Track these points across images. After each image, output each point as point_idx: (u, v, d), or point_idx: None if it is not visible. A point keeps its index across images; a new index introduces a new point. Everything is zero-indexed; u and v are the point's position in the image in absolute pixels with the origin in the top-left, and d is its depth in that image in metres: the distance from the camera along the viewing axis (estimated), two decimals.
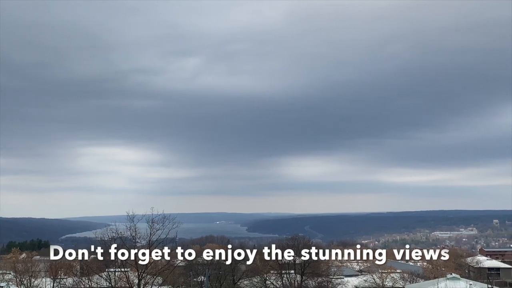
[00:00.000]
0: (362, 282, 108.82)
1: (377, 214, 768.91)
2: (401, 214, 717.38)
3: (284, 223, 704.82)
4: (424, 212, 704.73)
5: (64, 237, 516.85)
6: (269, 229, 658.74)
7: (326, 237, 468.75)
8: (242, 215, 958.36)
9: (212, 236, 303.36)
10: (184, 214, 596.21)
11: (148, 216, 65.67)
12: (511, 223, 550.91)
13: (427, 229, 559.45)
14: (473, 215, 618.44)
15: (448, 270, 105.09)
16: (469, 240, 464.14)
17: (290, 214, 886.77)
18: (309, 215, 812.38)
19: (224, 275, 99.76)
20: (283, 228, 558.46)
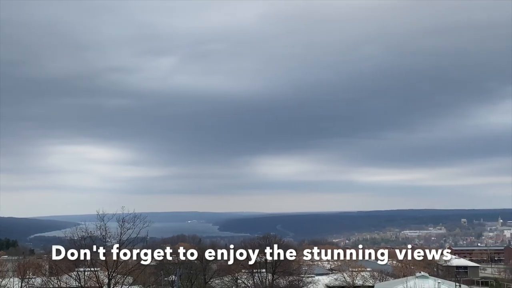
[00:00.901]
0: (332, 280, 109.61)
1: (348, 213, 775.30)
2: (372, 213, 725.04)
3: (256, 222, 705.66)
4: (394, 211, 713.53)
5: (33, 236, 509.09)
6: (241, 228, 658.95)
7: (297, 236, 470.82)
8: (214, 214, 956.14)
9: (183, 235, 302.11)
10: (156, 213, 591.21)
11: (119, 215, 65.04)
12: (478, 222, 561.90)
13: (397, 228, 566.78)
14: (441, 214, 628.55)
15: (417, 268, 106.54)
16: (438, 239, 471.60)
17: (262, 213, 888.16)
18: (281, 214, 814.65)
19: (195, 275, 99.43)
20: (255, 227, 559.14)
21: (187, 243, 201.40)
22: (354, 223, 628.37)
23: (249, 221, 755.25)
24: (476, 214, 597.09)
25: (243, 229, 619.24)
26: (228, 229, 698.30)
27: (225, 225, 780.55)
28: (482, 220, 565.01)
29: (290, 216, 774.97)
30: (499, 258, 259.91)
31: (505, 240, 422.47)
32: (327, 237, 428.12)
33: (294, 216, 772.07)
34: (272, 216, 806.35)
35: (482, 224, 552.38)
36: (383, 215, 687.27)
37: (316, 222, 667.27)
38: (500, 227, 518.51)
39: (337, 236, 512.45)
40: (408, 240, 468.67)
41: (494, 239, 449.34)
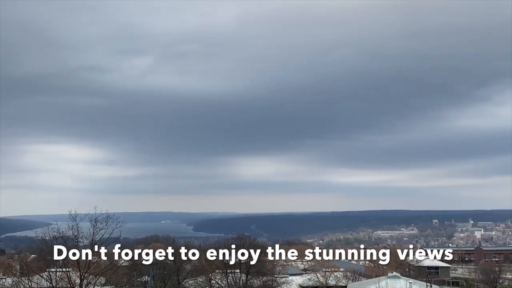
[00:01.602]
0: (306, 280, 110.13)
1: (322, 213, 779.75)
2: (345, 214, 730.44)
3: (230, 222, 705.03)
4: (367, 212, 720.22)
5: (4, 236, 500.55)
6: (215, 228, 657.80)
7: (271, 236, 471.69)
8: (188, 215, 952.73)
9: (157, 236, 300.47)
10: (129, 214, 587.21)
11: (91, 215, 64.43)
12: (449, 223, 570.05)
13: (370, 229, 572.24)
14: (413, 215, 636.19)
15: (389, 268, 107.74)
16: (410, 239, 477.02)
17: (236, 214, 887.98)
18: (256, 215, 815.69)
19: (168, 275, 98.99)
20: (229, 228, 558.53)
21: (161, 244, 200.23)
22: (328, 223, 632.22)
23: (224, 221, 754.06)
24: (448, 215, 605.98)
25: (217, 230, 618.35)
26: (202, 230, 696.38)
27: (200, 225, 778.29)
28: (453, 221, 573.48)
29: (265, 217, 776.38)
30: (469, 258, 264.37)
31: (476, 241, 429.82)
32: (301, 237, 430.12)
33: (268, 217, 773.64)
34: (247, 216, 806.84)
35: (453, 225, 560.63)
36: (356, 216, 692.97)
37: (291, 222, 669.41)
38: (470, 228, 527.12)
39: (311, 236, 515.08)
40: (380, 240, 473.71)
41: (465, 240, 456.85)
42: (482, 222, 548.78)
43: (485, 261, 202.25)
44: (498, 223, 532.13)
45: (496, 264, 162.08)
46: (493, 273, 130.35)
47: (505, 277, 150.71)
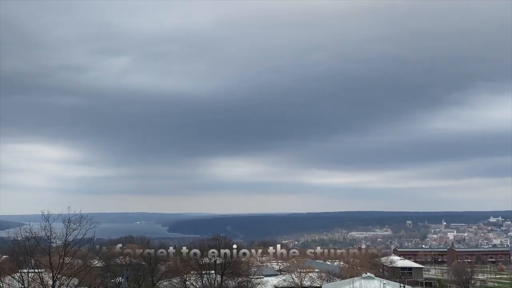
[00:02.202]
0: (281, 281, 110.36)
1: (298, 214, 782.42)
2: (321, 215, 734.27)
3: (206, 223, 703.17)
4: (342, 213, 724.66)
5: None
6: (191, 229, 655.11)
7: (247, 237, 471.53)
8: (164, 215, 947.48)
9: (131, 237, 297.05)
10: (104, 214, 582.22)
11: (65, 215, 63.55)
12: (423, 224, 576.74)
13: (345, 229, 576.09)
14: (388, 216, 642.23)
15: (363, 269, 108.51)
16: (384, 240, 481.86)
17: (212, 214, 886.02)
18: (231, 215, 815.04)
19: (143, 276, 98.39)
20: (205, 228, 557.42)
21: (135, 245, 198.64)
22: (303, 224, 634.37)
23: (199, 222, 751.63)
24: (421, 216, 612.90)
25: (193, 230, 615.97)
26: (177, 230, 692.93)
27: (175, 226, 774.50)
28: (427, 222, 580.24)
29: (241, 217, 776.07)
30: (442, 260, 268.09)
31: (448, 242, 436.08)
32: (277, 238, 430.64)
33: (244, 217, 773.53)
34: (223, 217, 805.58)
35: (426, 226, 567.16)
36: (331, 217, 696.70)
37: (267, 223, 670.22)
38: (443, 229, 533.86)
39: (287, 237, 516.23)
40: (355, 241, 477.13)
41: (438, 241, 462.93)
42: (455, 223, 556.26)
43: (458, 262, 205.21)
44: (470, 225, 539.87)
45: (468, 265, 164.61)
46: (465, 274, 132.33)
47: (477, 278, 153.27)
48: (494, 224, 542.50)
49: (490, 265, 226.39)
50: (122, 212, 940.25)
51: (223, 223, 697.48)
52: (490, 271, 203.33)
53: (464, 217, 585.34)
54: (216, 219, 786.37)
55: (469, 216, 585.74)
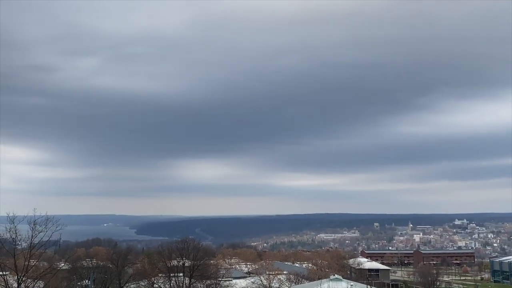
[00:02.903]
0: (250, 284, 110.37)
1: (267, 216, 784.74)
2: (290, 217, 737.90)
3: (175, 225, 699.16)
4: (311, 215, 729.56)
5: None
6: (159, 231, 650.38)
7: (216, 239, 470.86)
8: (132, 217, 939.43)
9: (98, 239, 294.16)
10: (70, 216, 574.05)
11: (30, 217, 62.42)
12: (390, 226, 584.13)
13: (313, 231, 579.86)
14: (356, 218, 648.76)
15: (331, 271, 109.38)
16: (352, 242, 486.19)
17: (181, 217, 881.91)
18: (200, 218, 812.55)
19: (110, 279, 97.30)
20: (173, 231, 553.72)
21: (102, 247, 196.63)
22: (272, 226, 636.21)
23: (168, 224, 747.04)
24: (388, 218, 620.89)
25: (161, 233, 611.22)
26: (145, 233, 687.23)
27: (143, 228, 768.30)
28: (394, 224, 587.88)
29: (210, 220, 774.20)
30: (408, 261, 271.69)
31: (415, 244, 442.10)
32: (246, 241, 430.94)
33: (213, 220, 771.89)
34: (192, 219, 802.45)
35: (393, 228, 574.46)
36: (300, 219, 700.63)
37: (236, 226, 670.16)
38: (410, 232, 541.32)
39: (255, 240, 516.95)
40: (323, 243, 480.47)
41: (404, 243, 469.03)
42: (421, 226, 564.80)
43: (424, 264, 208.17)
44: (436, 227, 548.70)
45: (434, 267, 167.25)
46: (431, 275, 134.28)
47: (442, 280, 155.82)
48: (459, 226, 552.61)
49: (455, 267, 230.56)
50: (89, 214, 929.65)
51: (191, 225, 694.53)
52: (455, 272, 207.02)
53: (430, 220, 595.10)
54: (184, 221, 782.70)
55: (435, 219, 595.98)
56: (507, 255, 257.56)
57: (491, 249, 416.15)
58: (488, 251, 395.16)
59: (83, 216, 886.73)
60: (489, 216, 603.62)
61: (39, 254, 64.52)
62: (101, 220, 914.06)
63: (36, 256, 64.72)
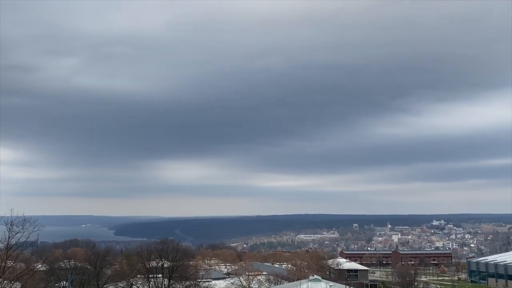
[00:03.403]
0: (229, 284, 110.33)
1: (247, 217, 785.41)
2: (270, 218, 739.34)
3: (154, 226, 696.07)
4: (290, 216, 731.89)
5: None
6: (138, 232, 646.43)
7: (196, 240, 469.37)
8: (110, 218, 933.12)
9: (76, 240, 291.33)
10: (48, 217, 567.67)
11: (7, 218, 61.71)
12: (369, 227, 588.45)
13: (293, 232, 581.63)
14: (335, 219, 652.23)
15: (310, 272, 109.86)
16: (331, 243, 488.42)
17: (160, 217, 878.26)
18: (180, 219, 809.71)
19: (88, 280, 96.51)
20: (153, 232, 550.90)
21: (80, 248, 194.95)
22: (252, 227, 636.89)
23: (147, 225, 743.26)
24: (367, 219, 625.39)
25: (140, 234, 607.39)
26: (124, 234, 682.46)
27: (122, 229, 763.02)
28: (372, 225, 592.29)
29: (190, 221, 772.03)
30: (387, 262, 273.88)
31: (393, 245, 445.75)
32: (226, 241, 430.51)
33: (193, 221, 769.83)
34: (171, 220, 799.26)
35: (372, 229, 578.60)
36: (280, 220, 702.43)
37: (215, 227, 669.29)
38: (388, 232, 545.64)
39: (235, 240, 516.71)
40: (303, 243, 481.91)
41: (383, 244, 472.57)
42: (399, 226, 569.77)
43: (402, 264, 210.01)
44: (414, 228, 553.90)
45: (411, 267, 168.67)
46: (409, 276, 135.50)
47: (420, 280, 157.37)
48: (436, 227, 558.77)
49: (432, 267, 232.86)
50: (67, 215, 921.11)
51: (171, 226, 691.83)
52: (432, 273, 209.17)
53: (408, 220, 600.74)
54: (164, 222, 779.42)
55: (413, 219, 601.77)
56: (484, 255, 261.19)
57: (468, 250, 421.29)
58: (465, 252, 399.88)
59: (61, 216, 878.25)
60: (467, 217, 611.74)
61: (16, 255, 63.83)
62: (79, 221, 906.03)
63: (13, 257, 64.00)
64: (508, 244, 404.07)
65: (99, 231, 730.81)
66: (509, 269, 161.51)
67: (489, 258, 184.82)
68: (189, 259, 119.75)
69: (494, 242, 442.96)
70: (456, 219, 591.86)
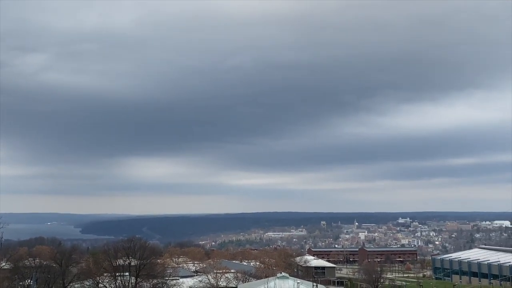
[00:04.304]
0: (197, 282, 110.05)
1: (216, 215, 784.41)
2: (238, 216, 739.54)
3: (121, 224, 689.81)
4: (259, 214, 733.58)
5: None
6: (105, 230, 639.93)
7: (164, 238, 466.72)
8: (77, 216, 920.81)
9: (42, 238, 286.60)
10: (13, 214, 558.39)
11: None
12: (336, 224, 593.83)
13: (262, 230, 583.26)
14: (303, 216, 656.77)
15: (278, 269, 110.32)
16: (299, 240, 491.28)
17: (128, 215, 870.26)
18: (148, 216, 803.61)
19: (53, 279, 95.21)
20: (120, 230, 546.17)
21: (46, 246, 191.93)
22: (221, 225, 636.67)
23: (114, 223, 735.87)
24: (335, 217, 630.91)
25: (107, 232, 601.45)
26: (91, 232, 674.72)
27: (88, 227, 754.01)
28: (340, 222, 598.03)
29: (158, 219, 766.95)
30: (354, 259, 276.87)
31: (360, 242, 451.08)
32: (194, 240, 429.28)
33: (161, 219, 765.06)
34: (139, 218, 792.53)
35: (339, 226, 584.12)
36: (249, 217, 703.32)
37: (184, 224, 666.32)
38: (355, 230, 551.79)
39: (204, 238, 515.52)
40: (271, 241, 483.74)
41: (350, 241, 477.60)
42: (366, 224, 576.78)
43: (368, 261, 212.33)
44: (380, 225, 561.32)
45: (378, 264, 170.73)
46: (375, 273, 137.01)
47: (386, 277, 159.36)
48: (402, 224, 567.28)
49: (398, 264, 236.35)
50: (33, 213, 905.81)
51: (139, 224, 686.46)
52: (398, 270, 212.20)
53: (374, 218, 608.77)
54: (132, 220, 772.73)
55: (380, 217, 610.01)
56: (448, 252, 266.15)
57: (433, 247, 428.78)
58: (430, 249, 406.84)
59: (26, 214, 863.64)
60: (432, 214, 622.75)
61: None
62: (44, 219, 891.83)
63: None
64: (471, 241, 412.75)
65: (65, 229, 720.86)
66: (472, 266, 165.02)
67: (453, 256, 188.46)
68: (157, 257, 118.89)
69: (458, 240, 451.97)
70: (421, 217, 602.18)
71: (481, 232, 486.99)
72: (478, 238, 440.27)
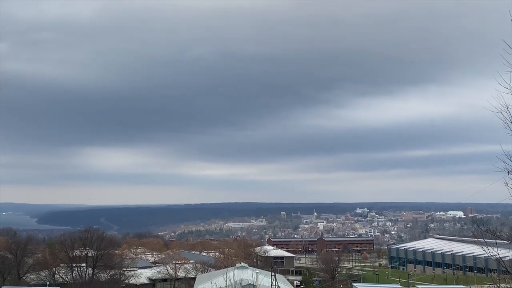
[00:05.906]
0: (155, 273, 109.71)
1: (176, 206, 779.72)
2: (198, 206, 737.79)
3: (78, 215, 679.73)
4: (219, 204, 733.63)
5: None
6: (62, 221, 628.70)
7: (122, 229, 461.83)
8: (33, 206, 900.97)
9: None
10: None
11: None
12: (296, 215, 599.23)
13: (222, 220, 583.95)
14: (263, 207, 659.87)
15: (238, 259, 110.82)
16: (259, 231, 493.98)
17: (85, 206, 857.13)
18: (106, 207, 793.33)
19: (8, 269, 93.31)
20: (77, 220, 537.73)
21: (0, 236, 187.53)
22: (181, 215, 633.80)
23: (71, 213, 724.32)
24: (294, 207, 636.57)
25: (64, 222, 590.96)
26: (47, 222, 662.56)
27: (44, 217, 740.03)
28: (299, 213, 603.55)
29: (116, 209, 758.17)
30: (312, 249, 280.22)
31: (319, 232, 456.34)
32: (153, 230, 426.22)
33: (119, 209, 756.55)
34: (97, 208, 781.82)
35: (299, 216, 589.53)
36: (209, 208, 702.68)
37: (143, 215, 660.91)
38: (314, 220, 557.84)
39: (163, 229, 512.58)
40: (231, 232, 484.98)
41: (309, 231, 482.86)
42: (324, 214, 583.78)
43: (326, 251, 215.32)
44: (339, 215, 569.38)
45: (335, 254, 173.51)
46: (332, 262, 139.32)
47: (343, 266, 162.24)
48: (360, 215, 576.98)
49: (355, 253, 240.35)
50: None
51: (96, 214, 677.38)
52: (355, 259, 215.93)
53: (333, 208, 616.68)
54: (89, 210, 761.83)
55: (338, 207, 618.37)
56: (403, 242, 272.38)
57: (389, 237, 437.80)
58: (386, 239, 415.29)
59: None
60: (388, 205, 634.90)
61: None
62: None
63: None
64: (426, 231, 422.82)
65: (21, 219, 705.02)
66: (426, 256, 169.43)
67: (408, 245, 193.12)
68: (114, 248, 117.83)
69: (413, 230, 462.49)
70: (378, 207, 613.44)
71: (436, 222, 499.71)
72: (432, 228, 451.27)
